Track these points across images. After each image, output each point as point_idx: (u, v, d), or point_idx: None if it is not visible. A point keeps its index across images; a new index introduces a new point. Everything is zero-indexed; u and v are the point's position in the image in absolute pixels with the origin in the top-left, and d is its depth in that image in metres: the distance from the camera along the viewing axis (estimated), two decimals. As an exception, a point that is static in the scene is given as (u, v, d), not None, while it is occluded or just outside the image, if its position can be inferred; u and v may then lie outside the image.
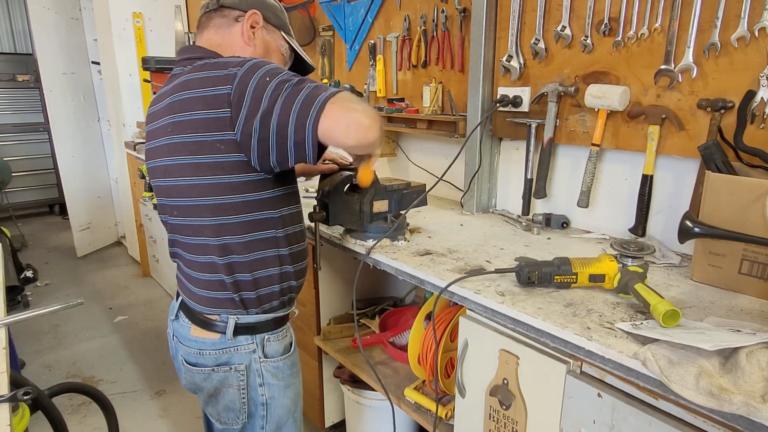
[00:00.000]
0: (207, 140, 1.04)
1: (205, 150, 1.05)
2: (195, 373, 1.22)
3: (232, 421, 1.25)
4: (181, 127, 1.07)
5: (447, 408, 1.56)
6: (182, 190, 1.11)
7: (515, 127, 1.82)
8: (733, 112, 1.31)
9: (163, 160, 1.13)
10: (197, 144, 1.05)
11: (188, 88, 1.06)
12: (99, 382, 2.72)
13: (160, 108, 1.13)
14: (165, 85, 1.16)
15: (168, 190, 1.15)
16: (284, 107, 1.00)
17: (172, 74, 1.16)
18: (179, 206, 1.14)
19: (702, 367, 0.84)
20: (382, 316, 2.07)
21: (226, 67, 1.04)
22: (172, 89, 1.11)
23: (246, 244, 1.13)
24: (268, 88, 1.00)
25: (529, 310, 1.10)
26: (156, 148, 1.15)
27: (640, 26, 1.46)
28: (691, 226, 1.19)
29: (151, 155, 1.19)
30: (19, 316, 1.33)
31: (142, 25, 4.04)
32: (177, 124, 1.07)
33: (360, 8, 2.42)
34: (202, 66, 1.07)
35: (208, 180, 1.07)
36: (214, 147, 1.04)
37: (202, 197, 1.09)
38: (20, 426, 1.27)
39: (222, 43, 1.18)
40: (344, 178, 1.51)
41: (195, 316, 1.20)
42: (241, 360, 1.20)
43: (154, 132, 1.16)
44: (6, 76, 5.71)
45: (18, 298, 3.56)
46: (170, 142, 1.09)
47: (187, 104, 1.05)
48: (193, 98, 1.04)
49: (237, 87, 1.00)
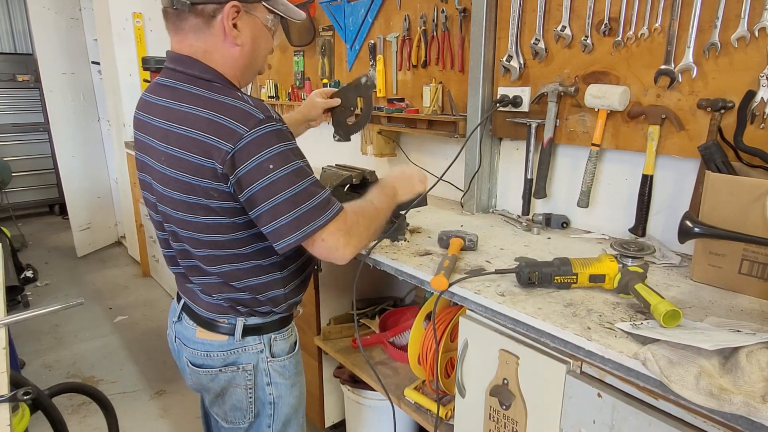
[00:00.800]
0: (199, 185, 1.01)
1: (197, 192, 1.03)
2: (201, 375, 1.22)
3: (239, 420, 1.25)
4: (175, 163, 1.03)
5: (447, 408, 1.56)
6: (177, 221, 1.10)
7: (515, 127, 1.82)
8: (733, 112, 1.31)
9: (157, 186, 1.10)
10: (189, 185, 1.03)
11: (186, 123, 1.01)
12: (99, 382, 2.72)
13: (155, 125, 1.07)
14: (155, 93, 1.10)
15: (165, 216, 1.13)
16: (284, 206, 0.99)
17: (162, 83, 1.09)
18: (174, 232, 1.13)
19: (702, 367, 0.84)
20: (382, 316, 2.07)
21: (234, 117, 0.98)
22: (166, 112, 1.05)
23: (247, 270, 1.13)
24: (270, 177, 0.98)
25: (529, 310, 1.10)
26: (149, 167, 1.11)
27: (640, 26, 1.46)
28: (691, 226, 1.19)
29: (142, 167, 1.15)
30: (19, 316, 1.33)
31: (142, 25, 4.04)
32: (171, 157, 1.03)
33: (360, 8, 2.42)
34: (204, 100, 1.01)
35: (202, 219, 1.06)
36: (207, 192, 1.02)
37: (198, 233, 1.08)
38: (20, 426, 1.27)
39: (207, 49, 1.06)
40: (344, 178, 1.52)
41: (200, 318, 1.20)
42: (248, 360, 1.20)
43: (146, 148, 1.11)
44: (6, 76, 5.71)
45: (18, 298, 3.56)
46: (164, 173, 1.06)
47: (184, 142, 1.01)
48: (191, 138, 1.00)
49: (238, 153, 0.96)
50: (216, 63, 1.08)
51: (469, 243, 1.48)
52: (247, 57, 1.11)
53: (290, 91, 3.08)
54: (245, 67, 1.12)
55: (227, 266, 1.12)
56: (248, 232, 1.08)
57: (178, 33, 1.08)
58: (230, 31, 1.05)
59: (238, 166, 0.97)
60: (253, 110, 0.99)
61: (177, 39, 1.09)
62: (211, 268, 1.12)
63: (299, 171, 1.02)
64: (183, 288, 1.25)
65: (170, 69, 1.09)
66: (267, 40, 1.16)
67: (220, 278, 1.13)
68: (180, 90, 1.05)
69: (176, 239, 1.14)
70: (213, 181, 1.00)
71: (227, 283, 1.14)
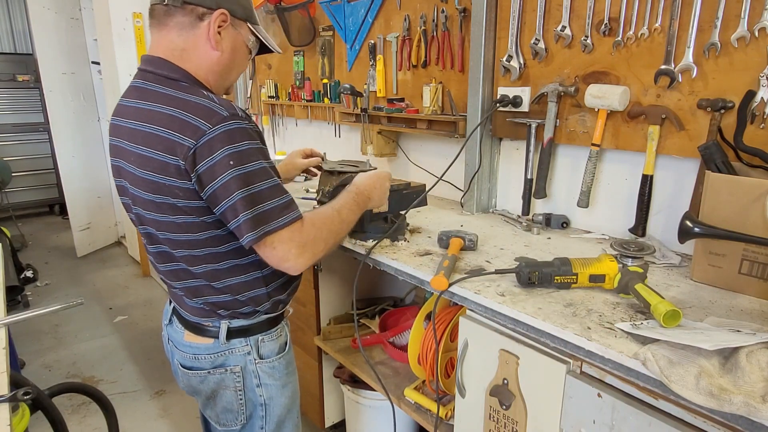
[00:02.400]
0: (165, 183, 1.01)
1: (163, 191, 1.02)
2: (191, 377, 1.23)
3: (231, 422, 1.25)
4: (143, 162, 1.03)
5: (447, 408, 1.56)
6: (150, 222, 1.09)
7: (515, 127, 1.82)
8: (733, 112, 1.31)
9: (130, 188, 1.10)
10: (155, 184, 1.02)
11: (151, 121, 1.02)
12: (99, 382, 2.72)
13: (127, 127, 1.07)
14: (127, 96, 1.10)
15: (139, 218, 1.13)
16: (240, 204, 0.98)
17: (134, 85, 1.10)
18: (150, 234, 1.13)
19: (702, 367, 0.84)
20: (382, 316, 2.07)
21: (198, 113, 0.98)
22: (134, 112, 1.06)
23: (227, 270, 1.13)
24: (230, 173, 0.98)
25: (529, 310, 1.10)
26: (124, 171, 1.11)
27: (640, 26, 1.46)
28: (691, 226, 1.19)
29: (118, 173, 1.14)
30: (19, 316, 1.33)
31: (142, 25, 4.04)
32: (140, 157, 1.04)
33: (360, 8, 2.42)
34: (170, 98, 1.02)
35: (172, 219, 1.05)
36: (172, 191, 1.02)
37: (171, 233, 1.08)
38: (20, 426, 1.27)
39: (186, 48, 1.08)
40: (344, 178, 1.51)
41: (187, 322, 1.21)
42: (236, 362, 1.20)
43: (120, 152, 1.10)
44: (6, 76, 5.71)
45: (18, 298, 3.57)
46: (134, 174, 1.06)
47: (150, 140, 1.01)
48: (156, 136, 1.00)
49: (200, 149, 0.96)
50: (191, 63, 1.09)
51: (469, 243, 1.48)
52: (223, 65, 1.13)
53: (290, 91, 3.08)
54: (219, 74, 1.14)
55: (207, 266, 1.11)
56: (222, 231, 1.07)
57: (161, 29, 1.09)
58: (214, 35, 1.08)
59: (199, 162, 0.97)
60: (218, 107, 0.99)
61: (158, 36, 1.10)
62: (193, 268, 1.12)
63: (261, 171, 1.01)
64: (171, 292, 1.25)
65: (142, 71, 1.10)
66: (244, 57, 1.19)
67: (202, 279, 1.13)
68: (148, 90, 1.06)
69: (153, 241, 1.14)
70: (177, 179, 1.00)
71: (209, 285, 1.14)
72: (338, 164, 1.64)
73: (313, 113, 2.96)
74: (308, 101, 2.91)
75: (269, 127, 3.48)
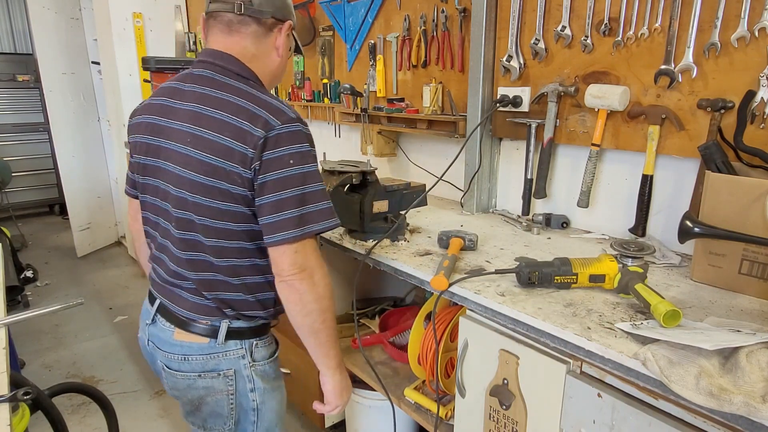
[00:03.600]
0: (224, 168, 1.03)
1: (220, 175, 1.04)
2: (179, 379, 1.19)
3: (219, 427, 1.23)
4: (203, 144, 1.05)
5: (447, 408, 1.56)
6: (193, 206, 1.08)
7: (515, 127, 1.82)
8: (733, 112, 1.31)
9: (177, 170, 1.09)
10: (212, 167, 1.04)
11: (221, 108, 1.05)
12: (99, 382, 2.72)
13: (183, 109, 1.09)
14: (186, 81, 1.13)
15: (176, 201, 1.11)
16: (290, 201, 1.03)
17: (199, 73, 1.12)
18: (188, 220, 1.11)
19: (702, 367, 0.84)
20: (382, 316, 2.07)
21: (269, 110, 1.04)
22: (200, 97, 1.08)
23: (247, 267, 1.14)
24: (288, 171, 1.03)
25: (529, 310, 1.10)
26: (162, 150, 1.12)
27: (640, 26, 1.46)
28: (691, 226, 1.19)
29: (153, 172, 1.15)
30: (19, 316, 1.33)
31: (142, 25, 4.04)
32: (200, 138, 1.05)
33: (360, 8, 2.42)
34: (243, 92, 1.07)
35: (218, 204, 1.07)
36: (230, 177, 1.04)
37: (212, 218, 1.08)
38: (20, 426, 1.27)
39: (257, 54, 1.16)
40: (344, 178, 1.52)
41: (179, 319, 1.18)
42: (229, 366, 1.17)
43: (163, 130, 1.11)
44: (6, 76, 5.70)
45: (18, 298, 3.56)
46: (187, 155, 1.07)
47: (217, 125, 1.04)
48: (223, 121, 1.04)
49: (269, 140, 1.02)
50: (257, 66, 1.16)
51: (469, 243, 1.48)
52: (279, 68, 1.23)
53: (290, 91, 3.08)
54: (274, 76, 1.24)
55: (231, 260, 1.12)
56: (256, 227, 1.09)
57: (232, 35, 1.14)
58: (282, 43, 1.19)
59: (265, 151, 1.02)
60: (286, 109, 1.07)
61: (228, 40, 1.14)
62: (217, 260, 1.12)
63: (315, 174, 1.07)
64: (162, 289, 1.22)
65: (209, 63, 1.13)
66: (288, 60, 1.28)
67: (220, 273, 1.13)
68: (218, 80, 1.10)
69: (185, 227, 1.12)
70: (240, 165, 1.03)
71: (226, 280, 1.13)
72: (338, 164, 1.64)
73: (313, 113, 2.96)
74: (308, 101, 2.91)
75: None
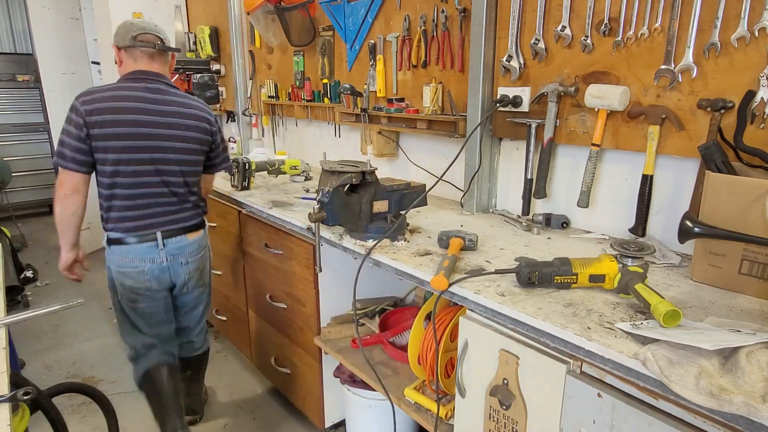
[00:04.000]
0: (206, 139, 1.98)
1: (203, 144, 1.97)
2: (191, 262, 2.01)
3: (206, 277, 2.16)
4: (192, 127, 1.92)
5: (447, 408, 1.56)
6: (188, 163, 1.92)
7: (515, 127, 1.82)
8: (733, 112, 1.31)
9: (178, 144, 1.88)
10: (199, 140, 1.95)
11: (192, 107, 1.93)
12: (99, 382, 2.72)
13: (170, 108, 1.86)
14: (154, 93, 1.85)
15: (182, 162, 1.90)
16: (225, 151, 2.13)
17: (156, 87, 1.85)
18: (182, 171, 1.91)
19: (702, 367, 0.84)
20: (382, 316, 2.07)
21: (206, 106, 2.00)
22: (176, 100, 1.89)
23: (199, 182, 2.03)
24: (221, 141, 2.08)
25: (529, 310, 1.10)
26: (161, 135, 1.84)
27: (640, 26, 1.46)
28: (691, 226, 1.19)
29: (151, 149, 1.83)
30: (19, 316, 1.33)
31: (142, 25, 4.03)
32: (188, 126, 1.90)
33: (360, 8, 2.42)
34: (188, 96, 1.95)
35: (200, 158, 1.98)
36: (208, 144, 2.00)
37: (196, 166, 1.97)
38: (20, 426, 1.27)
39: (165, 72, 1.93)
40: (344, 178, 1.51)
41: (188, 227, 1.97)
42: (207, 242, 2.14)
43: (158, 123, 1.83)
44: (6, 76, 5.71)
45: (18, 298, 3.56)
46: (182, 134, 1.88)
47: (196, 116, 1.93)
48: (198, 115, 1.94)
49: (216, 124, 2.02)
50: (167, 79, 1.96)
51: (469, 243, 1.48)
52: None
53: (290, 91, 3.08)
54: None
55: (196, 179, 1.99)
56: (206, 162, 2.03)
57: (154, 62, 1.89)
58: (173, 66, 2.04)
59: (215, 129, 2.01)
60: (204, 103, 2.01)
61: (152, 64, 1.89)
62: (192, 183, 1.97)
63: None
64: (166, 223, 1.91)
65: (155, 79, 1.88)
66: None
67: (195, 187, 1.99)
68: (172, 90, 1.92)
69: (181, 175, 1.91)
70: (210, 137, 1.99)
71: (197, 193, 2.01)
72: (338, 164, 1.64)
73: (313, 113, 2.96)
74: (308, 101, 2.91)
75: (269, 127, 3.48)
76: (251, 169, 2.46)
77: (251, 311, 2.53)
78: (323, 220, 1.51)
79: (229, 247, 2.61)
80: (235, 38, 3.43)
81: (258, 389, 2.66)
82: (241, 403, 2.54)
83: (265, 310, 2.39)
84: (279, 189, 2.50)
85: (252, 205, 2.23)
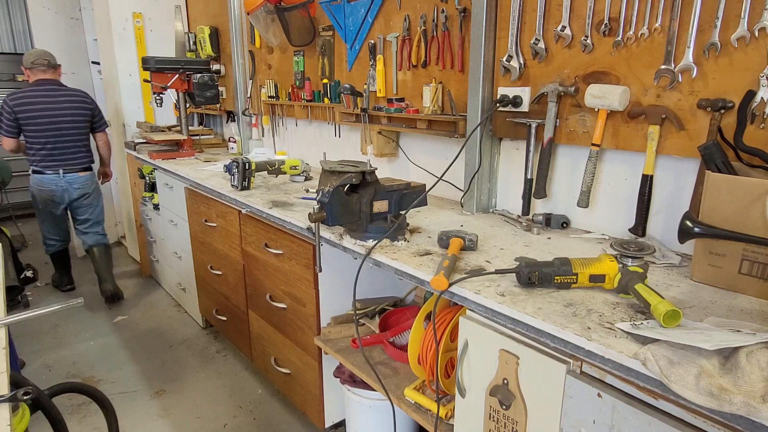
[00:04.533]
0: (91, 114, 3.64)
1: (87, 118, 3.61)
2: (85, 186, 3.63)
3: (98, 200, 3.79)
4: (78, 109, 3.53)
5: (447, 408, 1.56)
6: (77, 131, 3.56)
7: (515, 127, 1.82)
8: (733, 112, 1.31)
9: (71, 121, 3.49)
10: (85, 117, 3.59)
11: (77, 97, 3.54)
12: (99, 382, 2.72)
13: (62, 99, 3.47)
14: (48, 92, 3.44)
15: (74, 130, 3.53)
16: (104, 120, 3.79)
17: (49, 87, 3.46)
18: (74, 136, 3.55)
19: (702, 367, 0.84)
20: (382, 316, 2.07)
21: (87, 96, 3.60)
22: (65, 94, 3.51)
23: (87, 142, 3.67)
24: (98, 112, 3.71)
25: (529, 310, 1.10)
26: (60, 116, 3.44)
27: (640, 26, 1.46)
28: (691, 226, 1.19)
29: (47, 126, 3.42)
30: (19, 316, 1.33)
31: (142, 25, 4.04)
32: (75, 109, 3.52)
33: (360, 8, 2.42)
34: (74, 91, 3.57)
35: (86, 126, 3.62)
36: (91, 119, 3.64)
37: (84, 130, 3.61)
38: (20, 426, 1.27)
39: (58, 80, 3.48)
40: (344, 178, 1.51)
41: (81, 167, 3.59)
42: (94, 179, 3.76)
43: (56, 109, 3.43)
44: (6, 76, 5.71)
45: (18, 298, 3.56)
46: (72, 113, 3.49)
47: (80, 103, 3.54)
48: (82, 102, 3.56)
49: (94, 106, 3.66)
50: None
51: (469, 243, 1.48)
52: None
53: (290, 91, 3.08)
54: None
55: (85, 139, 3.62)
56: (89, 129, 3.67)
57: (48, 73, 3.47)
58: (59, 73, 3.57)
59: (95, 110, 3.66)
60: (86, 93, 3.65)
61: (47, 74, 3.47)
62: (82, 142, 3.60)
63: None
64: (65, 163, 3.53)
65: (51, 84, 3.46)
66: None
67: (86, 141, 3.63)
68: (63, 88, 3.50)
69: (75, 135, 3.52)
70: (91, 114, 3.63)
71: (87, 147, 3.64)
72: (338, 164, 1.64)
73: (313, 113, 2.96)
74: (308, 101, 2.91)
75: (269, 127, 3.48)
76: (251, 169, 2.46)
77: (251, 311, 2.53)
78: (323, 220, 1.51)
79: (229, 247, 2.61)
80: (235, 38, 3.43)
81: (258, 389, 2.66)
82: (241, 403, 2.54)
83: (265, 310, 2.39)
84: (279, 189, 2.50)
85: (252, 205, 2.23)
